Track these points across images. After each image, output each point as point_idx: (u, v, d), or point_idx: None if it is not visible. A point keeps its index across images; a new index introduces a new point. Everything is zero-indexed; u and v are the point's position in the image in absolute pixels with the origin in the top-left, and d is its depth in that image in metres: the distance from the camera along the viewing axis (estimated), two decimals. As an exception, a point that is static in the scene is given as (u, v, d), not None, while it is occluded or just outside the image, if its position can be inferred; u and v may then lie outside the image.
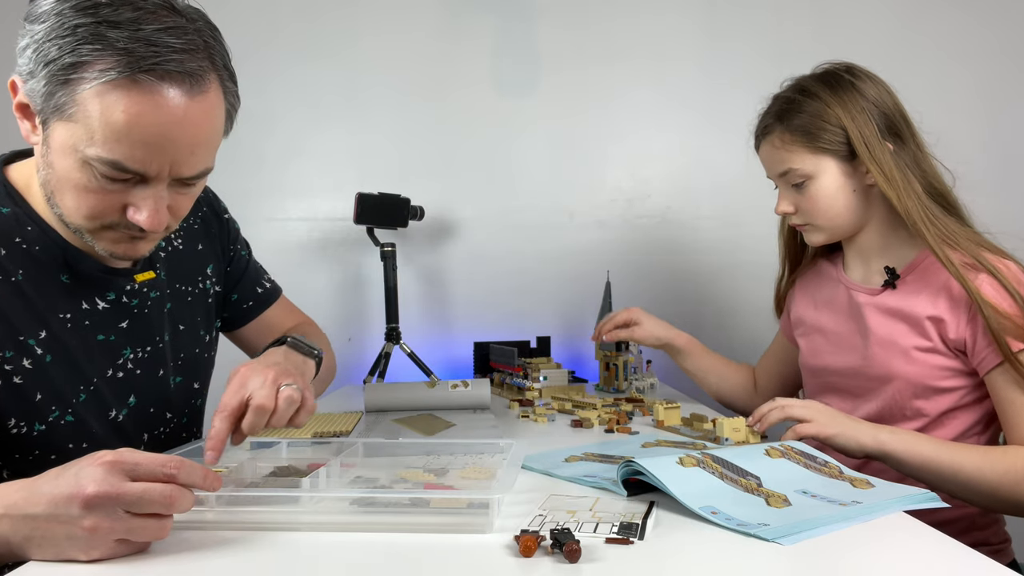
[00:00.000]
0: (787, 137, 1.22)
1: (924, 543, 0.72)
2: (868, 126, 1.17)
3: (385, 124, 2.08)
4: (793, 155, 1.21)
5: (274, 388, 0.86)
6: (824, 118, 1.19)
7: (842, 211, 1.22)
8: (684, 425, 1.25)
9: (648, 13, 2.08)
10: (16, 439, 0.88)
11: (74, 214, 0.84)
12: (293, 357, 0.97)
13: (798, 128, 1.20)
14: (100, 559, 0.66)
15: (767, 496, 0.82)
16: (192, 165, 0.84)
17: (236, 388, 0.85)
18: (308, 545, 0.72)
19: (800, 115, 1.20)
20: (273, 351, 0.98)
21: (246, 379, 0.86)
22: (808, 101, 1.20)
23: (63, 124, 0.79)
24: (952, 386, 1.14)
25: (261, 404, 0.84)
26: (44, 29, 0.77)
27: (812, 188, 1.22)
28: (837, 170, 1.20)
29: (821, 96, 1.20)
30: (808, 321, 1.36)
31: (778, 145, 1.23)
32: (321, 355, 1.04)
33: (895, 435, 1.06)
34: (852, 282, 1.28)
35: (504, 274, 2.09)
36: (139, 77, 0.76)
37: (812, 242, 1.29)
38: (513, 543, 0.71)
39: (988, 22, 2.06)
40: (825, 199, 1.21)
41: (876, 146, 1.16)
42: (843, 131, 1.18)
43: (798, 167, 1.21)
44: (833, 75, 1.22)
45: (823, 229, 1.25)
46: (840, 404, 1.25)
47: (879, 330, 1.20)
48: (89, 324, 0.94)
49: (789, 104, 1.23)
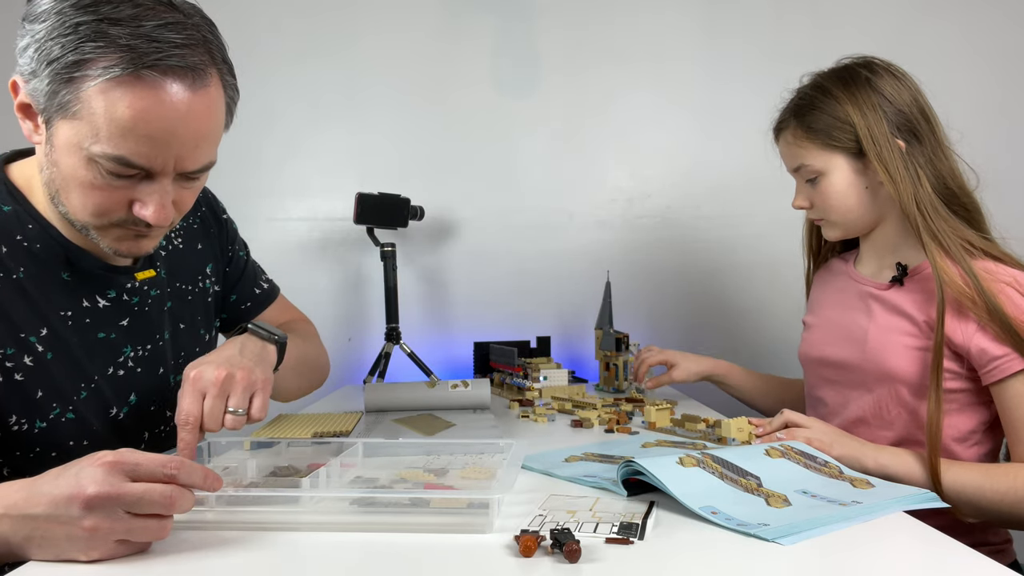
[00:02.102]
0: (799, 133, 1.23)
1: (925, 543, 0.72)
2: (879, 124, 1.16)
3: (385, 124, 2.08)
4: (805, 151, 1.22)
5: (222, 404, 0.86)
6: (834, 115, 1.19)
7: (854, 207, 1.22)
8: (676, 426, 1.25)
9: (648, 13, 2.08)
10: (17, 436, 0.88)
11: (80, 212, 0.85)
12: (251, 345, 0.95)
13: (810, 125, 1.21)
14: (100, 559, 0.66)
15: (767, 496, 0.82)
16: (196, 159, 0.84)
17: (194, 393, 0.85)
18: (308, 545, 0.72)
19: (812, 112, 1.21)
20: (230, 342, 0.96)
21: (199, 383, 0.86)
22: (821, 98, 1.21)
23: (67, 122, 0.79)
24: (948, 388, 1.13)
25: (207, 427, 0.85)
26: (45, 28, 0.77)
27: (824, 184, 1.22)
28: (848, 167, 1.20)
29: (834, 93, 1.20)
30: (814, 317, 1.36)
31: (791, 141, 1.24)
32: (283, 339, 1.01)
33: (897, 457, 1.07)
34: (862, 276, 1.28)
35: (504, 274, 2.09)
36: (143, 73, 0.77)
37: (829, 237, 1.29)
38: (513, 543, 0.71)
39: (988, 21, 2.06)
40: (837, 195, 1.22)
41: (884, 144, 1.15)
42: (853, 128, 1.18)
43: (810, 163, 1.22)
44: (850, 71, 1.21)
45: (837, 224, 1.26)
46: (834, 398, 1.26)
47: (880, 325, 1.20)
48: (90, 322, 0.94)
49: (804, 100, 1.23)
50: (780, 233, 1.65)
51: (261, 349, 0.96)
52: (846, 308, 1.28)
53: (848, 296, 1.29)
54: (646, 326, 2.08)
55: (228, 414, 0.86)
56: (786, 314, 1.91)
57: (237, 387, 0.87)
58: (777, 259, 1.97)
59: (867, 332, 1.21)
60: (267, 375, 0.92)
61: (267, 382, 0.91)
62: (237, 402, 0.86)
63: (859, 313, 1.25)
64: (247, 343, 0.96)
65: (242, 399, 0.87)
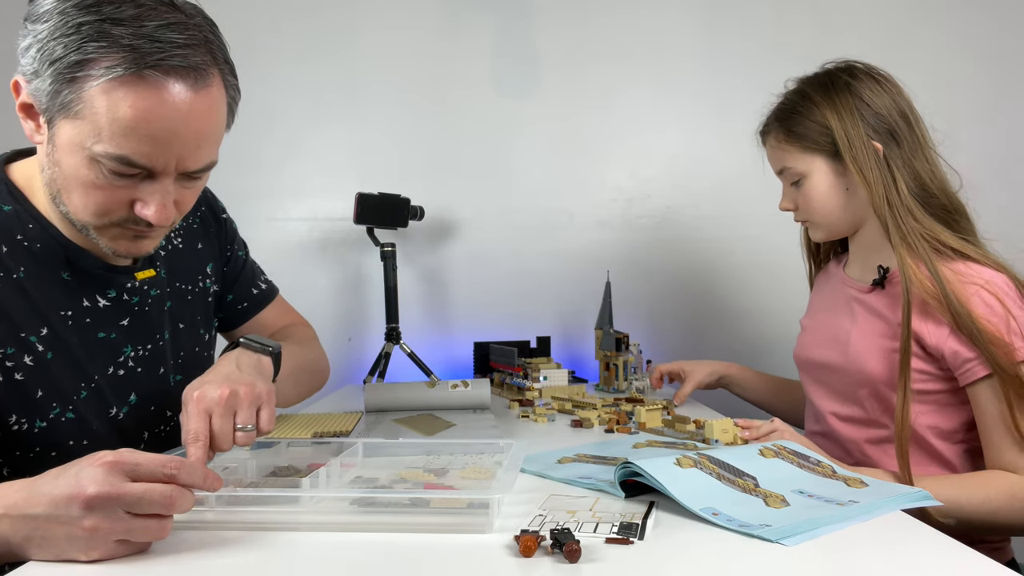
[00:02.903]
0: (781, 137, 1.26)
1: (924, 543, 0.72)
2: (855, 126, 1.19)
3: (385, 124, 2.08)
4: (787, 154, 1.26)
5: (230, 422, 0.84)
6: (812, 119, 1.22)
7: (835, 209, 1.24)
8: (667, 426, 1.25)
9: (647, 11, 2.08)
10: (17, 436, 0.88)
11: (82, 211, 0.85)
12: (246, 359, 0.94)
13: (791, 129, 1.25)
14: (100, 559, 0.66)
15: (765, 496, 0.82)
16: (198, 158, 0.85)
17: (200, 414, 0.82)
18: (308, 545, 0.72)
19: (793, 116, 1.25)
20: (225, 359, 0.94)
21: (203, 402, 0.83)
22: (801, 102, 1.24)
23: (69, 122, 0.79)
24: (926, 389, 1.13)
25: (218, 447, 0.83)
26: (48, 28, 0.77)
27: (806, 186, 1.25)
28: (827, 169, 1.23)
29: (812, 97, 1.23)
30: (809, 319, 1.38)
31: (775, 144, 1.28)
32: (276, 350, 1.00)
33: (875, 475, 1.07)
34: (849, 279, 1.29)
35: (504, 274, 2.09)
36: (145, 73, 0.77)
37: (814, 238, 1.32)
38: (513, 543, 0.71)
39: (989, 21, 2.06)
40: (819, 197, 1.24)
41: (859, 146, 1.18)
42: (830, 131, 1.20)
43: (792, 166, 1.25)
44: (831, 76, 1.24)
45: (821, 226, 1.28)
46: (824, 399, 1.26)
47: (861, 328, 1.21)
48: (90, 322, 0.94)
49: (786, 105, 1.27)
50: (780, 233, 1.65)
51: (257, 362, 0.95)
52: (834, 311, 1.29)
53: (837, 299, 1.30)
54: (646, 326, 2.08)
55: (238, 431, 0.84)
56: (785, 314, 1.91)
57: (243, 403, 0.85)
58: (777, 259, 1.97)
59: (849, 335, 1.22)
60: (269, 387, 0.90)
61: (271, 393, 0.89)
62: (245, 418, 0.84)
63: (844, 316, 1.26)
64: (242, 357, 0.94)
65: (249, 414, 0.85)
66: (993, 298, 1.07)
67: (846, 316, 1.25)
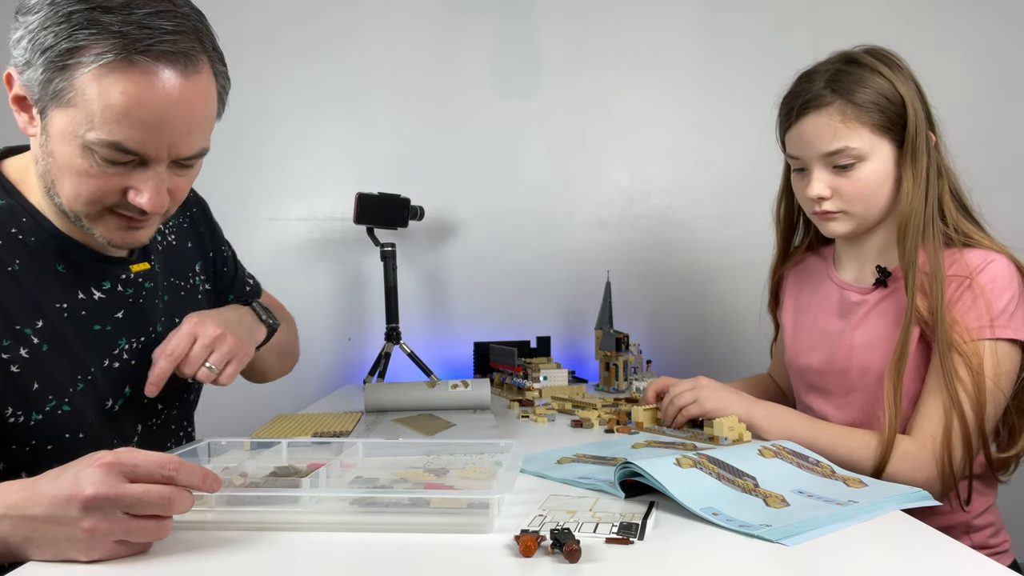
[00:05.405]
0: (850, 112, 1.10)
1: (924, 544, 0.72)
2: (921, 113, 1.11)
3: (385, 124, 2.08)
4: (853, 132, 1.10)
5: (205, 356, 0.95)
6: (888, 96, 1.10)
7: (881, 201, 1.14)
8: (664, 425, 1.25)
9: (648, 13, 2.07)
10: (13, 428, 0.88)
11: (74, 200, 0.85)
12: (248, 320, 1.07)
13: (864, 103, 1.10)
14: (100, 560, 0.66)
15: (765, 496, 0.82)
16: (190, 145, 0.86)
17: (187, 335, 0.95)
18: (308, 545, 0.72)
19: (865, 89, 1.10)
20: (233, 307, 1.08)
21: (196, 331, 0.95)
22: (869, 76, 1.11)
23: (62, 110, 0.80)
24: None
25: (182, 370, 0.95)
26: (38, 19, 0.79)
27: (861, 171, 1.12)
28: (890, 154, 1.12)
29: (882, 72, 1.10)
30: (795, 321, 1.34)
31: (837, 119, 1.10)
32: (274, 327, 1.12)
33: (766, 409, 1.15)
34: (844, 282, 1.25)
35: (504, 274, 2.09)
36: (135, 58, 0.78)
37: (834, 232, 1.18)
38: (513, 543, 0.71)
39: (989, 22, 2.06)
40: (872, 185, 1.12)
41: (922, 133, 1.11)
42: (903, 108, 1.10)
43: (856, 146, 1.10)
44: (881, 54, 1.13)
45: (855, 218, 1.16)
46: (823, 404, 1.24)
47: (867, 329, 1.18)
48: (85, 314, 0.95)
49: (846, 76, 1.11)
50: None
51: (254, 325, 1.08)
52: (829, 315, 1.25)
53: (830, 302, 1.26)
54: (646, 326, 2.08)
55: (204, 367, 0.95)
56: (786, 314, 1.91)
57: (223, 348, 0.97)
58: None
59: (852, 339, 1.19)
60: (249, 352, 1.03)
61: (247, 356, 1.01)
62: (216, 360, 0.96)
63: (841, 319, 1.23)
64: (245, 317, 1.06)
65: (220, 360, 0.96)
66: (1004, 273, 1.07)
67: (843, 320, 1.22)
